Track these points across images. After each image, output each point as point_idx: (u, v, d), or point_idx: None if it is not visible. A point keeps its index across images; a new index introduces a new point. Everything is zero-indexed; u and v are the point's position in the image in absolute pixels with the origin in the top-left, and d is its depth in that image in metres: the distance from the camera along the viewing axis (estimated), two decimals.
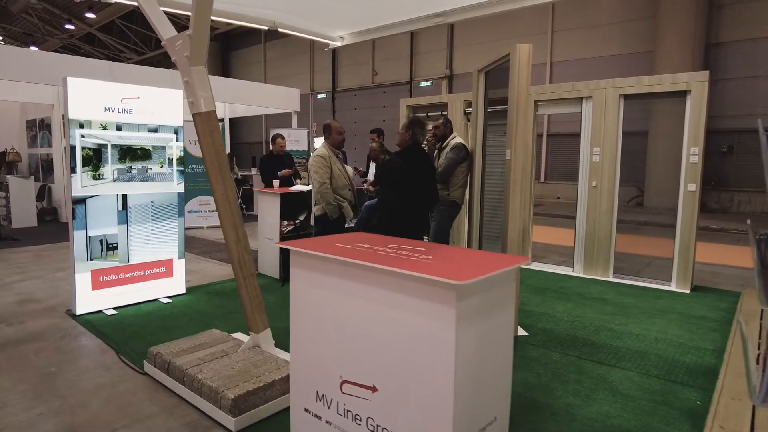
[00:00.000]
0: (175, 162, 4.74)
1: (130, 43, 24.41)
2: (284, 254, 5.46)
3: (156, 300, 4.69)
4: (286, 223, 5.67)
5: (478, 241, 4.62)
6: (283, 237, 5.60)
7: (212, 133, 2.74)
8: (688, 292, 5.22)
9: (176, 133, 4.73)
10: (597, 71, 14.25)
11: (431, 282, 1.59)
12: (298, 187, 5.84)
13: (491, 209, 4.67)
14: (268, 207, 5.67)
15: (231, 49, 25.71)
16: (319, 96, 22.29)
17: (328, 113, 21.70)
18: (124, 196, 4.40)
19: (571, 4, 15.10)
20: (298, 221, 5.75)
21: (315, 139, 11.35)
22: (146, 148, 4.52)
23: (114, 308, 4.40)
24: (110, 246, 4.36)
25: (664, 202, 11.48)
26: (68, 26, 22.78)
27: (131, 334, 3.84)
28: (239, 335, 3.58)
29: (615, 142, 5.62)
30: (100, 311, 4.33)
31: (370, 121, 20.07)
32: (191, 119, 2.75)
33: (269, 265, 5.71)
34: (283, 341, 3.31)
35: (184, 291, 4.92)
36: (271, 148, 6.62)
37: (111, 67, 8.19)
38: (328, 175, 4.15)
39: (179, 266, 4.87)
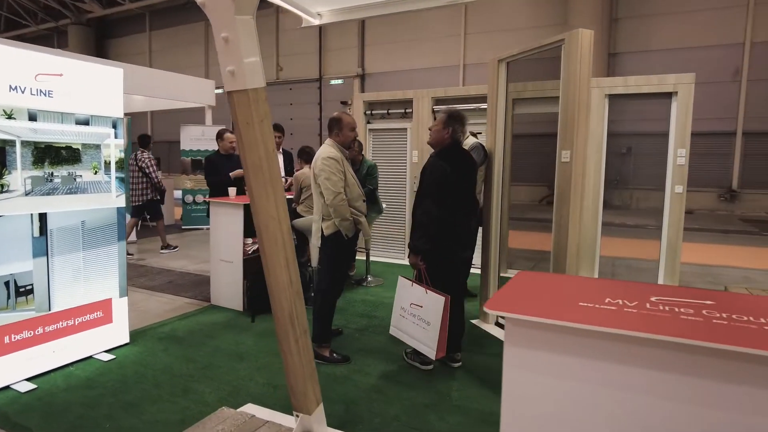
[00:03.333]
0: (113, 166, 3.46)
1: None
2: (252, 281, 4.38)
3: (91, 358, 3.37)
4: (251, 241, 4.58)
5: (497, 257, 4.06)
6: (247, 258, 4.52)
7: (261, 123, 1.77)
8: None
9: (115, 126, 3.45)
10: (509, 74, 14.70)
11: None
12: None
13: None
14: (225, 221, 4.53)
15: (108, 36, 22.33)
16: (217, 91, 20.25)
17: (225, 109, 19.79)
18: (42, 216, 3.05)
19: (484, 6, 15.43)
20: None
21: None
22: (74, 146, 3.20)
23: (31, 380, 3.03)
24: (21, 290, 2.99)
25: None
26: None
27: (72, 423, 2.59)
28: (257, 409, 2.58)
29: (600, 144, 5.45)
30: (9, 387, 2.94)
31: (276, 119, 18.67)
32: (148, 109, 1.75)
33: (227, 295, 4.57)
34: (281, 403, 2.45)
35: (127, 340, 3.63)
36: (219, 145, 5.39)
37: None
38: (343, 183, 3.25)
39: (121, 307, 3.58)
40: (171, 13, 20.21)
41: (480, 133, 6.02)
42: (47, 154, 3.06)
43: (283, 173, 5.79)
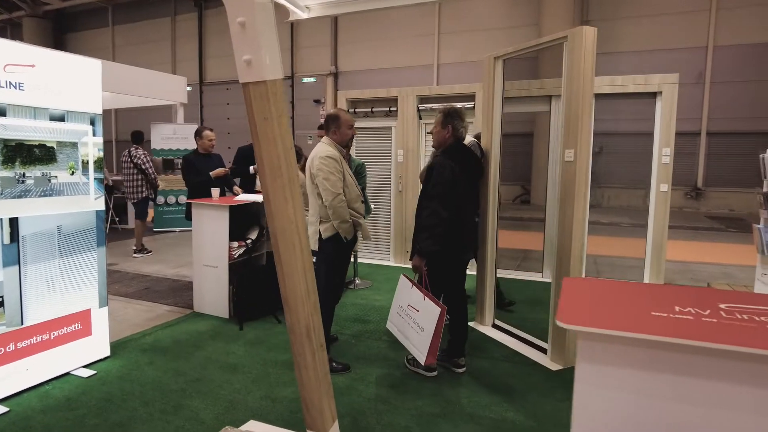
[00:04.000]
0: (92, 166, 3.19)
1: None
2: (239, 286, 4.18)
3: (69, 374, 3.10)
4: (237, 244, 4.37)
5: (494, 257, 3.98)
6: (233, 263, 4.30)
7: (280, 118, 1.61)
8: None
9: (93, 123, 3.19)
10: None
11: None
12: (251, 197, 4.55)
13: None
14: (209, 224, 4.29)
15: (67, 30, 21.28)
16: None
17: (195, 108, 19.18)
18: (14, 222, 2.78)
19: (457, 6, 15.48)
20: (249, 241, 4.48)
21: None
22: (48, 144, 2.93)
23: (2, 402, 2.75)
24: None
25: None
26: None
27: None
28: (262, 427, 2.41)
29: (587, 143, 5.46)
30: None
31: (245, 117, 18.00)
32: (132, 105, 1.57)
33: (212, 302, 4.34)
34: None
35: (108, 353, 3.37)
36: (197, 144, 5.12)
37: None
38: (342, 184, 3.10)
39: (101, 318, 3.32)
40: (135, 8, 19.42)
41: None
42: (18, 153, 2.78)
43: None
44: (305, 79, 17.96)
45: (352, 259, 5.50)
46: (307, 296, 1.80)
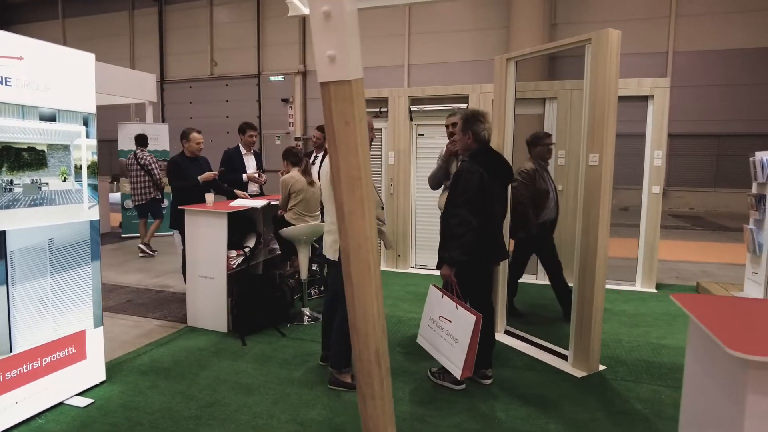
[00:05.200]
0: (85, 171, 2.87)
1: None
2: (238, 298, 3.92)
3: (62, 404, 2.77)
4: (236, 253, 4.09)
5: (508, 269, 3.90)
6: (232, 273, 4.03)
7: (361, 122, 1.43)
8: (655, 291, 5.39)
9: (86, 123, 2.87)
10: (454, 76, 14.89)
11: None
12: (248, 202, 4.27)
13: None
14: (205, 232, 4.00)
15: (12, 23, 19.83)
16: None
17: (155, 106, 18.31)
18: (0, 236, 2.44)
19: (427, 7, 15.49)
20: (247, 249, 4.21)
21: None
22: (38, 148, 2.60)
23: None
24: None
25: None
26: None
27: None
28: None
29: (580, 145, 5.50)
30: None
31: (209, 116, 17.66)
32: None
33: (208, 315, 4.04)
34: None
35: (104, 377, 3.05)
36: (184, 147, 4.77)
37: None
38: None
39: (96, 339, 2.99)
40: (88, 0, 18.36)
41: None
42: (5, 158, 2.45)
43: (257, 172, 5.29)
44: (273, 78, 17.50)
45: None
46: (378, 318, 1.63)
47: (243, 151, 5.25)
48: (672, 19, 13.44)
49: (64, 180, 2.75)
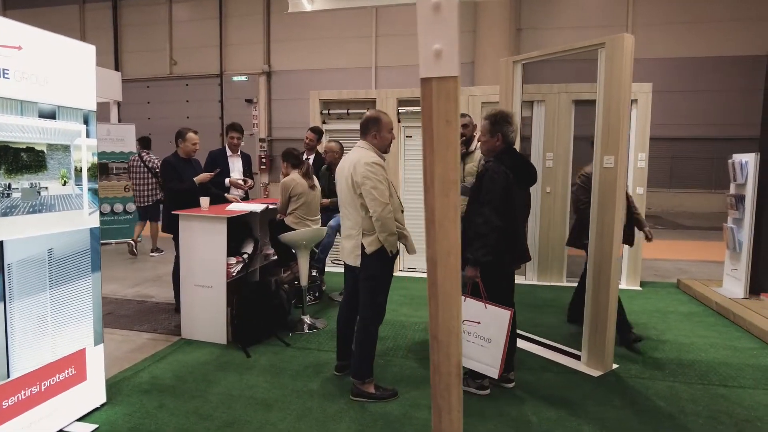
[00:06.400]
0: (85, 174, 2.62)
1: None
2: (239, 307, 3.73)
3: None
4: (235, 260, 3.88)
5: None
6: (231, 281, 3.82)
7: (457, 122, 1.34)
8: (639, 288, 5.57)
9: (86, 122, 2.62)
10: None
11: None
12: (247, 206, 4.06)
13: None
14: (202, 238, 3.77)
15: None
16: None
17: (128, 107, 17.38)
18: None
19: (395, 9, 15.49)
20: (245, 256, 4.01)
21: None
22: (37, 148, 2.35)
23: None
24: None
25: None
26: None
27: None
28: None
29: (568, 147, 5.63)
30: None
31: (168, 117, 16.92)
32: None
33: (205, 326, 3.81)
34: None
35: (104, 400, 2.79)
36: (178, 147, 4.48)
37: None
38: (389, 193, 2.82)
39: (96, 358, 2.74)
40: None
41: None
42: (3, 159, 2.18)
43: (241, 177, 5.05)
44: (236, 78, 17.00)
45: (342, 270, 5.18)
46: (459, 330, 1.55)
47: (228, 152, 5.01)
48: (629, 27, 14.07)
49: (64, 184, 2.49)
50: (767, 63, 4.93)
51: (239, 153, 5.06)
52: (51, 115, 2.40)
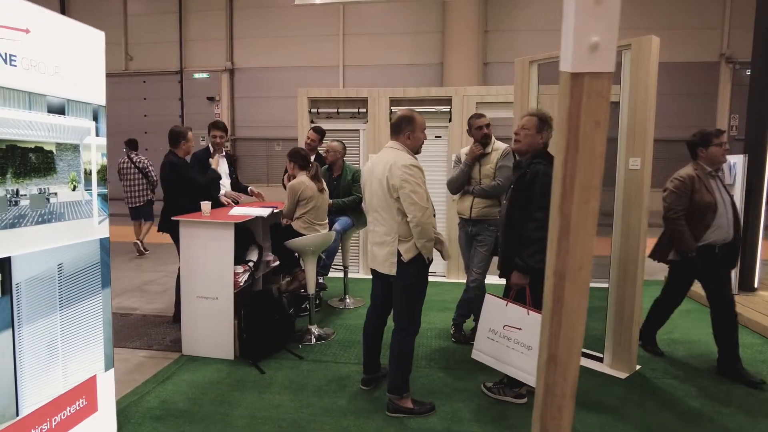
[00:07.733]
0: (95, 177, 2.31)
1: None
2: (248, 319, 3.47)
3: None
4: (242, 269, 3.61)
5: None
6: (237, 292, 3.55)
7: (606, 124, 1.22)
8: None
9: (96, 118, 2.31)
10: (390, 78, 14.88)
11: None
12: (252, 211, 3.78)
13: None
14: (206, 246, 3.48)
15: None
16: None
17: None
18: (5, 264, 1.86)
19: (362, 8, 15.32)
20: (251, 264, 3.74)
21: None
22: (45, 148, 2.03)
23: None
24: None
25: None
26: None
27: None
28: None
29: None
30: None
31: (124, 115, 15.99)
32: None
33: (209, 341, 3.52)
34: None
35: (115, 430, 2.49)
36: (177, 147, 4.11)
37: None
38: (427, 197, 2.67)
39: (107, 385, 2.43)
40: None
41: (440, 136, 5.82)
42: (10, 161, 1.87)
43: (229, 178, 4.75)
44: (197, 75, 16.26)
45: (342, 275, 4.97)
46: (580, 349, 1.42)
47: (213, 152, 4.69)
48: None
49: (74, 189, 2.18)
50: (751, 68, 5.12)
51: (224, 153, 4.75)
52: (60, 110, 2.09)
